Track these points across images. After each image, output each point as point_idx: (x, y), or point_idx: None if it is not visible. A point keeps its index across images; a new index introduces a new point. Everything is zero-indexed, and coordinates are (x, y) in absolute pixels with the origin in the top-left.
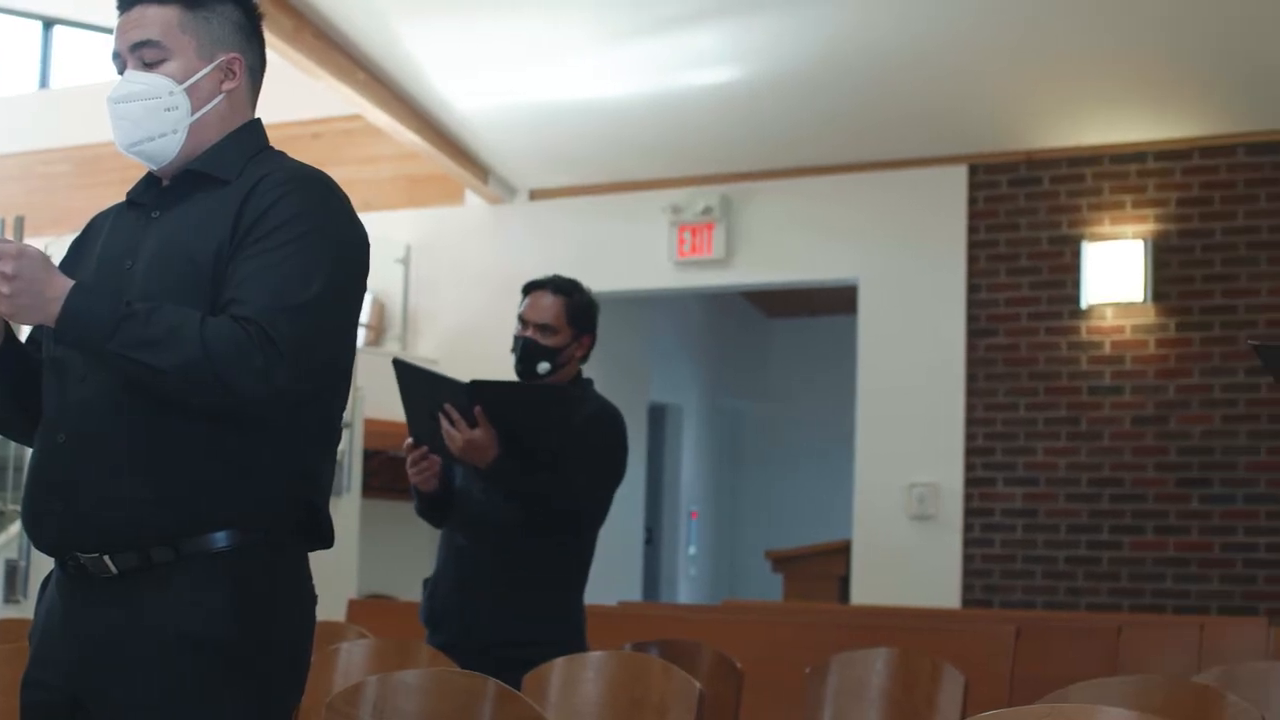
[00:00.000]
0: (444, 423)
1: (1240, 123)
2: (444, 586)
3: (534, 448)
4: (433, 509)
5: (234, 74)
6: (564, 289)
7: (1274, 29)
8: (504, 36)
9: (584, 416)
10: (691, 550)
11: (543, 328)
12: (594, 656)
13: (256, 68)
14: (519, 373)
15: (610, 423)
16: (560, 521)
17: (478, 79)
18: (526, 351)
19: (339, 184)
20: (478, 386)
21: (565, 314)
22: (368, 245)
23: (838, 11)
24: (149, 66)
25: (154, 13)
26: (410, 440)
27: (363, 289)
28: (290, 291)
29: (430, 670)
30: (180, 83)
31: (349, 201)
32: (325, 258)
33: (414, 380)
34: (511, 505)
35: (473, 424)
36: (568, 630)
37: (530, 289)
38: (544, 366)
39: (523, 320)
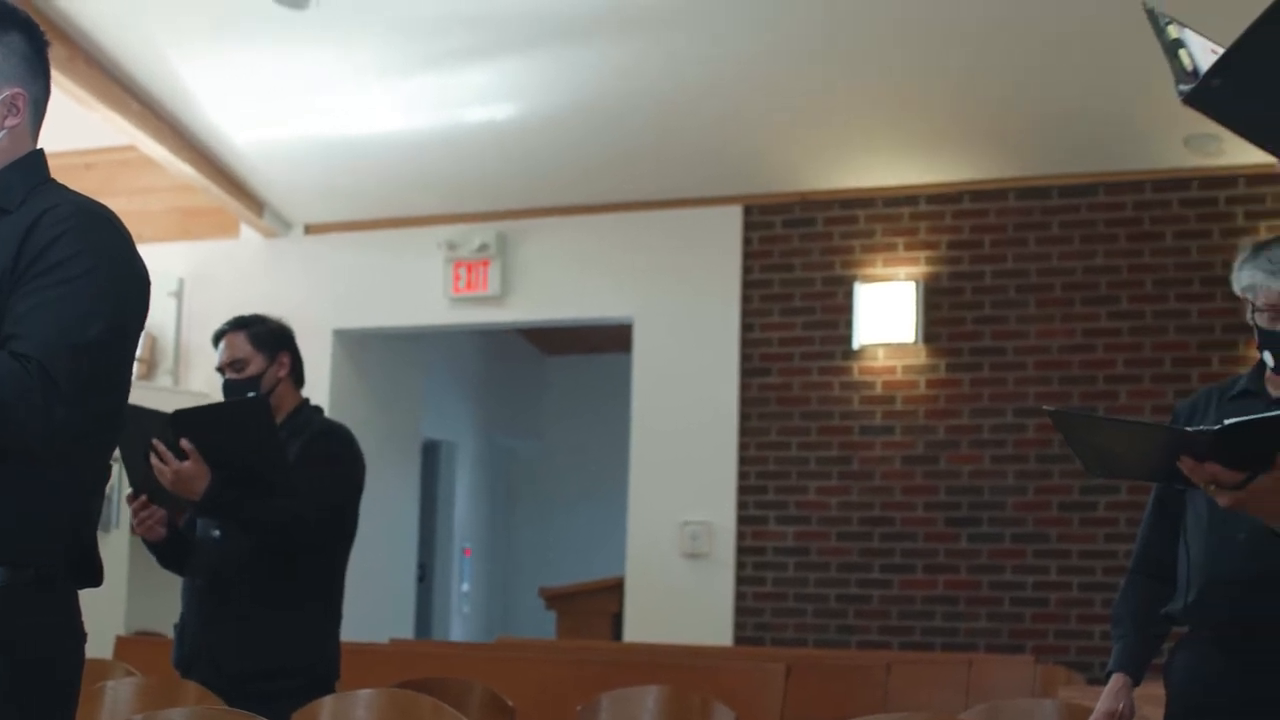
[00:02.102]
0: (154, 459)
1: (1010, 168)
2: (191, 628)
3: (252, 470)
4: (165, 557)
5: (17, 109)
6: (243, 323)
7: (1045, 79)
8: (280, 69)
9: (310, 435)
10: (465, 587)
11: (234, 364)
12: (364, 695)
13: (41, 100)
14: None
15: (336, 437)
16: (291, 537)
17: (253, 111)
18: (229, 391)
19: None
20: (178, 416)
21: (250, 343)
22: (149, 284)
23: (615, 52)
24: None
25: None
26: (130, 491)
27: (141, 327)
28: (71, 330)
29: (197, 708)
30: None
31: (131, 239)
32: (107, 296)
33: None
34: (244, 536)
35: (181, 457)
36: (319, 657)
37: (216, 340)
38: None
39: (219, 370)
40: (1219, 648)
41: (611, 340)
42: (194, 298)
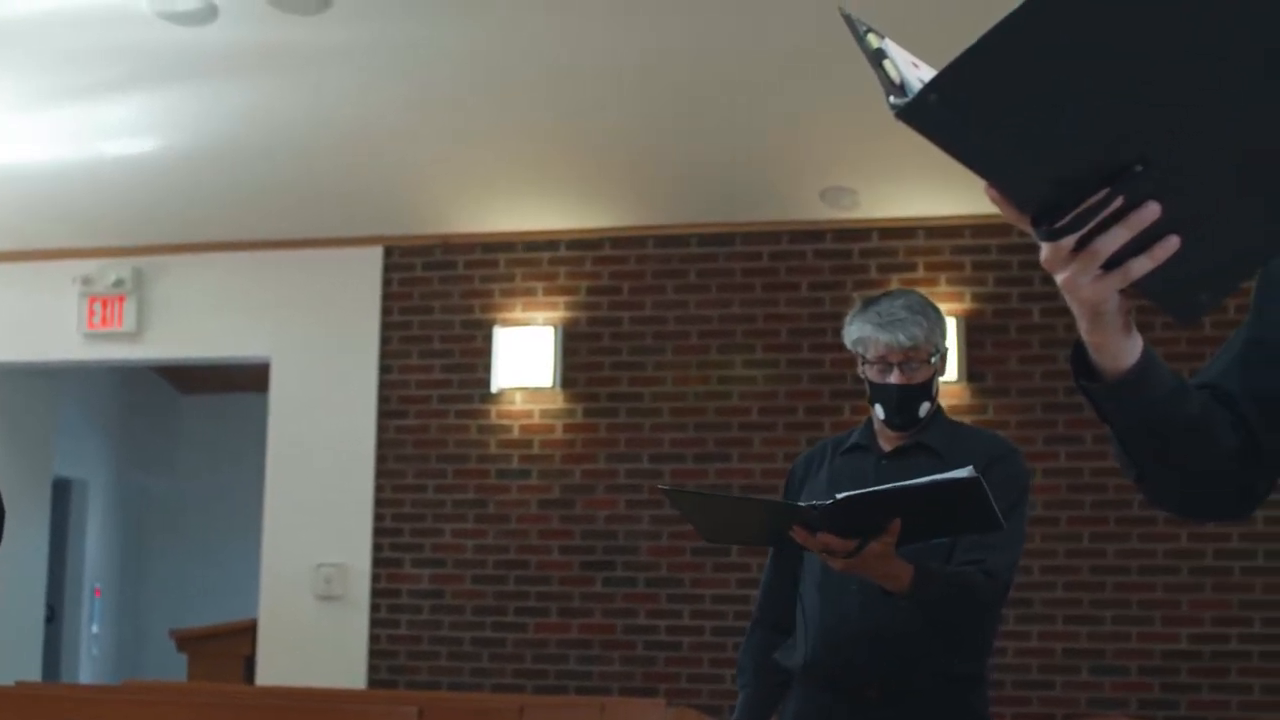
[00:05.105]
0: None
1: (651, 215)
2: None
3: None
4: None
5: None
6: None
7: (688, 129)
8: None
9: None
10: (95, 629)
11: None
12: None
13: None
14: None
15: None
16: None
17: None
18: None
19: None
20: None
21: None
22: None
23: (254, 88)
24: None
25: None
26: None
27: None
28: None
29: None
30: None
31: None
32: None
33: None
34: None
35: None
36: None
37: None
38: None
39: None
40: (831, 697)
41: (249, 379)
42: None
